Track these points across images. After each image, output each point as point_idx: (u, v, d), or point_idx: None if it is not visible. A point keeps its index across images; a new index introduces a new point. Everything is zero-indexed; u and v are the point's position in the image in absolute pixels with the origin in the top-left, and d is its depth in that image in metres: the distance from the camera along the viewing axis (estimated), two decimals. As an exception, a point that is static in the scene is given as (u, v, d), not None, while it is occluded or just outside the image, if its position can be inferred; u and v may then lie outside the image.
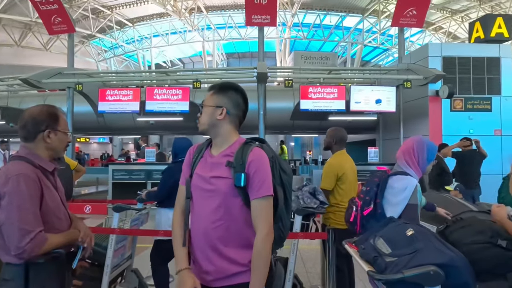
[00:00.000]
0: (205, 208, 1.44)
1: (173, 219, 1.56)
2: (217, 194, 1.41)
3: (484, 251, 1.49)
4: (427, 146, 1.99)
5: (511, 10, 17.74)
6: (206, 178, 1.45)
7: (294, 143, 22.61)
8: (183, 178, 1.57)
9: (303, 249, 4.99)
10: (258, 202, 1.39)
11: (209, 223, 1.42)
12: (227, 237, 1.41)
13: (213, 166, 1.47)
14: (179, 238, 1.49)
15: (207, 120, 1.51)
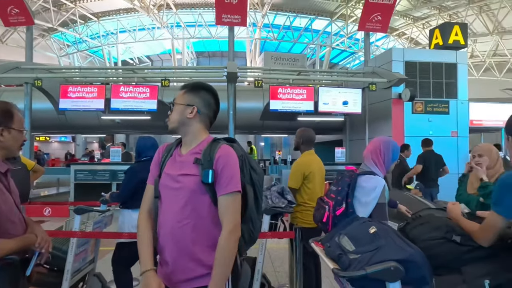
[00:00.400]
0: (172, 207, 1.41)
1: (139, 218, 1.52)
2: (184, 192, 1.39)
3: (440, 246, 1.57)
4: (392, 146, 2.07)
5: (467, 19, 18.90)
6: (174, 177, 1.43)
7: (264, 143, 22.75)
8: (151, 178, 1.54)
9: (272, 248, 5.03)
10: (225, 198, 1.37)
11: (175, 222, 1.39)
12: (194, 236, 1.39)
13: (181, 165, 1.45)
14: (145, 238, 1.46)
15: (177, 118, 1.50)
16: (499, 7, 17.60)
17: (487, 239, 1.45)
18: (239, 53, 21.93)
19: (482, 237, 1.47)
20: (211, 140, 1.49)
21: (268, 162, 15.24)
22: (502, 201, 1.39)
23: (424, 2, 17.80)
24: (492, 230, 1.44)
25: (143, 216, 1.51)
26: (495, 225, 1.42)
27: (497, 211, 1.41)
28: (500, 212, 1.40)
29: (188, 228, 1.38)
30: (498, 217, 1.40)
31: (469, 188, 2.72)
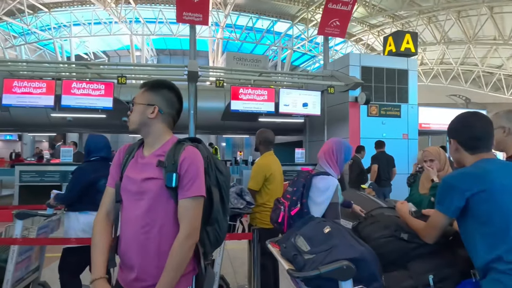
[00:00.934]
0: (134, 212, 1.34)
1: (95, 222, 1.43)
2: (147, 197, 1.33)
3: (389, 244, 1.63)
4: (344, 147, 2.14)
5: (418, 29, 20.15)
6: (136, 180, 1.36)
7: (226, 144, 22.68)
8: (111, 180, 1.46)
9: (232, 249, 5.00)
10: (185, 202, 1.32)
11: (139, 227, 1.33)
12: (159, 242, 1.33)
13: (143, 167, 1.38)
14: (99, 243, 1.38)
15: (137, 118, 1.42)
16: (445, 19, 18.96)
17: (431, 236, 1.53)
18: (201, 52, 21.64)
19: (427, 234, 1.54)
20: (176, 141, 1.42)
21: (229, 163, 15.20)
22: (444, 200, 1.47)
23: (379, 11, 18.71)
24: (435, 228, 1.51)
25: (100, 219, 1.43)
26: (438, 223, 1.50)
27: (440, 210, 1.48)
28: (442, 211, 1.47)
29: (153, 234, 1.32)
30: (441, 215, 1.48)
31: (421, 189, 2.89)
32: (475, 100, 22.05)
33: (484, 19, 17.68)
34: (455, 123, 1.62)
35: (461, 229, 1.48)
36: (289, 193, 2.12)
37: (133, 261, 1.34)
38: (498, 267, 1.30)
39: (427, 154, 2.73)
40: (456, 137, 1.58)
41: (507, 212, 1.33)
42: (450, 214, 1.46)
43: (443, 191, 1.51)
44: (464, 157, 1.56)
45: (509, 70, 22.60)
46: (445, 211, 1.47)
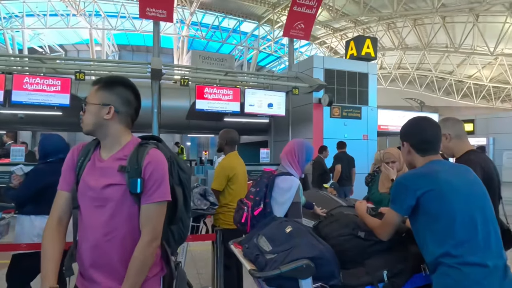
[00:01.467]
0: (95, 220, 1.27)
1: (45, 228, 1.33)
2: (109, 204, 1.26)
3: (348, 242, 1.70)
4: (305, 148, 2.19)
5: (378, 34, 21.05)
6: (95, 186, 1.28)
7: (191, 143, 22.31)
8: (64, 184, 1.35)
9: (196, 250, 4.95)
10: (149, 207, 1.28)
11: (100, 235, 1.26)
12: (123, 250, 1.27)
13: (103, 172, 1.30)
14: (50, 250, 1.28)
15: (92, 120, 1.32)
16: (402, 26, 19.97)
17: (385, 233, 1.61)
18: (166, 49, 21.17)
19: (382, 232, 1.62)
20: (137, 143, 1.35)
21: (194, 163, 15.00)
22: (397, 199, 1.55)
23: (342, 15, 19.32)
24: (389, 226, 1.59)
25: (51, 225, 1.32)
26: (392, 221, 1.58)
27: (393, 208, 1.57)
28: (395, 209, 1.56)
29: (116, 241, 1.27)
30: (394, 213, 1.56)
31: (380, 188, 3.05)
32: (429, 104, 23.47)
33: (437, 27, 18.85)
34: (408, 127, 1.69)
35: (413, 227, 1.56)
36: (252, 194, 2.13)
37: (95, 268, 1.28)
38: (447, 262, 1.39)
39: (389, 156, 2.90)
40: (409, 140, 1.65)
41: (453, 210, 1.42)
42: (403, 212, 1.54)
43: (396, 190, 1.58)
44: (416, 158, 1.63)
45: (459, 76, 24.26)
46: (398, 210, 1.55)
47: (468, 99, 26.00)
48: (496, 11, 16.46)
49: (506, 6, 15.99)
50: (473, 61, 21.89)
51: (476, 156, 2.01)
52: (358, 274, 1.62)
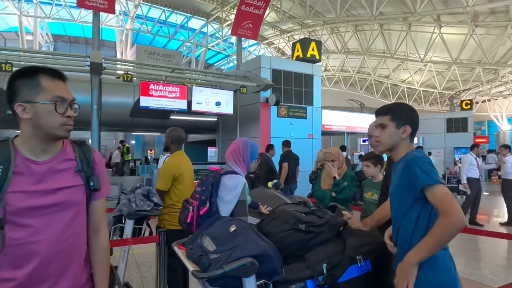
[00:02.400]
0: (54, 227, 1.16)
1: None
2: (67, 207, 1.20)
3: (289, 237, 1.75)
4: (250, 146, 2.21)
5: (322, 38, 21.98)
6: (44, 193, 1.15)
7: (135, 142, 21.37)
8: None
9: (140, 253, 4.78)
10: (102, 202, 1.36)
11: (62, 241, 1.18)
12: (83, 250, 1.28)
13: (49, 175, 1.17)
14: None
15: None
16: (345, 31, 21.08)
17: (459, 210, 1.36)
18: (108, 42, 20.05)
19: (457, 212, 1.34)
20: (75, 143, 1.31)
21: (139, 162, 14.41)
22: (433, 173, 1.42)
23: (289, 17, 19.83)
24: (452, 199, 1.38)
25: None
26: (449, 194, 1.40)
27: (438, 182, 1.39)
28: (440, 182, 1.40)
29: (79, 242, 1.27)
30: (442, 186, 1.40)
31: (322, 185, 3.20)
32: (368, 105, 25.08)
33: (375, 34, 20.20)
34: (410, 111, 1.61)
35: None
36: (198, 193, 2.11)
37: (59, 279, 1.19)
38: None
39: (329, 155, 3.09)
40: (411, 124, 1.57)
41: None
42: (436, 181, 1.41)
43: (428, 166, 1.43)
44: (405, 144, 1.58)
45: (394, 80, 26.27)
46: (440, 181, 1.41)
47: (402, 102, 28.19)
48: (425, 22, 18.09)
49: (434, 18, 17.65)
50: (406, 67, 23.85)
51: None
52: (299, 268, 1.67)
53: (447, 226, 1.33)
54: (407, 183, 1.47)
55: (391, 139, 1.58)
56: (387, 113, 1.60)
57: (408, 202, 1.50)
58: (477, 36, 17.33)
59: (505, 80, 24.21)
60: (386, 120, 1.58)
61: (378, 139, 1.61)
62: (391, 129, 1.57)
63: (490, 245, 5.32)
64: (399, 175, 1.54)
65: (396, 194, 1.58)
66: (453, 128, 17.80)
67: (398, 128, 1.56)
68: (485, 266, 4.37)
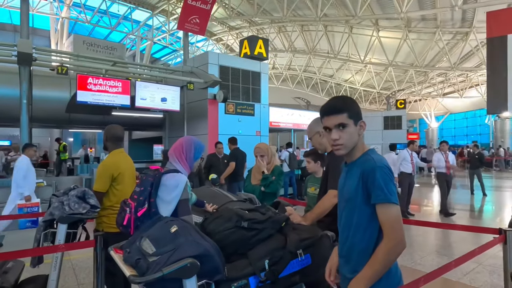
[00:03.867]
0: None
1: None
2: None
3: (232, 235, 1.74)
4: (194, 145, 2.16)
5: (270, 36, 22.31)
6: None
7: (73, 139, 19.88)
8: None
9: (78, 258, 4.47)
10: None
11: None
12: None
13: None
14: None
15: None
16: (292, 30, 21.63)
17: (402, 233, 1.33)
18: (42, 31, 18.45)
19: (400, 235, 1.32)
20: None
21: (78, 161, 13.47)
22: (391, 189, 1.31)
23: (237, 14, 19.83)
24: (401, 223, 1.34)
25: None
26: (400, 217, 1.35)
27: (394, 201, 1.31)
28: (396, 201, 1.32)
29: None
30: (397, 207, 1.32)
31: (252, 180, 3.26)
32: (314, 103, 26.03)
33: (320, 35, 21.02)
34: (356, 105, 1.45)
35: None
36: (136, 193, 2.01)
37: None
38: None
39: (259, 151, 3.17)
40: (361, 118, 1.42)
41: None
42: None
43: (388, 179, 1.31)
44: (362, 141, 1.44)
45: (338, 79, 27.59)
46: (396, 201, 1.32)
47: (345, 100, 29.73)
48: (365, 25, 19.24)
49: (373, 22, 18.83)
50: (348, 67, 25.18)
51: None
52: (241, 266, 1.68)
53: (390, 252, 1.28)
54: (368, 192, 1.32)
55: (352, 139, 1.39)
56: (343, 110, 1.38)
57: (367, 213, 1.34)
58: (410, 40, 18.85)
59: (433, 82, 26.72)
60: (344, 119, 1.37)
61: (339, 142, 1.37)
62: (351, 128, 1.38)
63: (421, 233, 5.83)
64: (358, 181, 1.35)
65: (353, 201, 1.38)
66: (389, 126, 19.20)
67: (356, 125, 1.39)
68: (415, 252, 4.78)
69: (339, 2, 16.90)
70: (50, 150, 16.54)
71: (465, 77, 24.87)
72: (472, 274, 3.88)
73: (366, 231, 1.36)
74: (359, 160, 1.41)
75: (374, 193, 1.29)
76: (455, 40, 19.59)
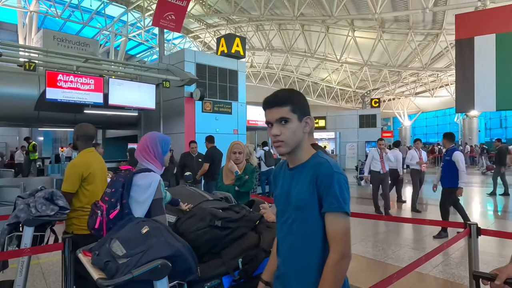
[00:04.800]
0: None
1: None
2: None
3: (206, 234, 1.73)
4: (159, 140, 2.09)
5: (248, 34, 22.28)
6: None
7: (44, 138, 19.11)
8: None
9: (47, 262, 4.32)
10: None
11: None
12: None
13: None
14: None
15: None
16: (269, 29, 21.69)
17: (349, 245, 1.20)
18: (8, 25, 17.62)
19: (348, 248, 1.19)
20: None
21: (49, 161, 12.98)
22: (347, 197, 1.20)
23: (215, 12, 19.67)
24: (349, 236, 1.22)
25: None
26: (349, 228, 1.22)
27: (347, 210, 1.19)
28: (348, 210, 1.20)
29: None
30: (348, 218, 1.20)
31: (225, 180, 3.23)
32: (292, 102, 26.21)
33: (297, 34, 21.20)
34: (305, 98, 1.31)
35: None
36: (107, 195, 1.95)
37: None
38: None
39: (238, 147, 3.14)
40: (309, 114, 1.29)
41: None
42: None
43: (347, 189, 1.20)
44: (308, 140, 1.32)
45: (315, 78, 27.94)
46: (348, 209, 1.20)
47: (322, 99, 30.26)
48: (341, 25, 19.57)
49: (348, 22, 19.17)
50: (325, 66, 25.55)
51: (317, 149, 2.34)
52: (215, 265, 1.67)
53: (341, 268, 1.15)
54: (320, 199, 1.19)
55: (295, 136, 1.24)
56: (286, 103, 1.23)
57: (321, 223, 1.20)
58: (384, 41, 19.35)
59: (406, 82, 27.57)
60: (286, 112, 1.22)
61: (280, 138, 1.23)
62: (293, 124, 1.23)
63: (393, 228, 6.01)
64: (310, 186, 1.21)
65: (307, 209, 1.22)
66: (364, 124, 19.65)
67: (300, 121, 1.24)
68: (388, 247, 4.92)
69: (316, 2, 17.10)
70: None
71: (436, 77, 25.81)
72: (441, 267, 4.04)
73: (319, 242, 1.20)
74: (310, 162, 1.26)
75: (327, 201, 1.16)
76: (426, 41, 20.28)
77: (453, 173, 5.28)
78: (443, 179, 5.51)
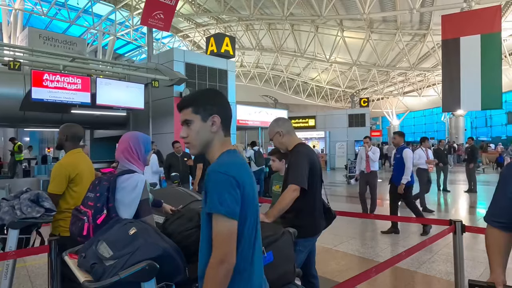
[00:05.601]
0: None
1: None
2: None
3: (193, 235, 1.72)
4: (141, 139, 2.07)
5: (238, 34, 22.26)
6: None
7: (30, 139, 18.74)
8: None
9: (34, 265, 4.25)
10: None
11: None
12: None
13: None
14: None
15: None
16: (259, 29, 21.70)
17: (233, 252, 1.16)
18: (-9, 23, 17.15)
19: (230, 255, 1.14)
20: None
21: (35, 162, 12.74)
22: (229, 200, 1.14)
23: (204, 11, 19.57)
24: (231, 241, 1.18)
25: None
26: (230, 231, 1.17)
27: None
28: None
29: None
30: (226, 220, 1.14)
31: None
32: (281, 101, 26.35)
33: (287, 33, 21.26)
34: (214, 96, 1.31)
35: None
36: (92, 200, 1.90)
37: None
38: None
39: None
40: (219, 112, 1.26)
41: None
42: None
43: (224, 188, 1.14)
44: (220, 139, 1.28)
45: (304, 77, 28.07)
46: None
47: (312, 98, 30.43)
48: (330, 25, 19.70)
49: (337, 22, 19.31)
50: (314, 66, 25.67)
51: (304, 148, 2.37)
52: (203, 266, 1.66)
53: (215, 273, 1.10)
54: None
55: (200, 136, 1.24)
56: (188, 105, 1.26)
57: (209, 222, 1.16)
58: (372, 41, 19.56)
59: (394, 81, 27.91)
60: (189, 114, 1.25)
61: (186, 140, 1.27)
62: (197, 124, 1.24)
63: (381, 226, 6.08)
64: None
65: (203, 210, 1.20)
66: (353, 123, 19.83)
67: (205, 121, 1.24)
68: (376, 245, 4.98)
69: (305, 2, 17.17)
70: (4, 151, 15.51)
71: (423, 76, 26.20)
72: (428, 264, 4.11)
73: (209, 246, 1.17)
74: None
75: (204, 200, 1.16)
76: (413, 41, 20.57)
77: (404, 170, 5.38)
78: (394, 176, 5.62)
